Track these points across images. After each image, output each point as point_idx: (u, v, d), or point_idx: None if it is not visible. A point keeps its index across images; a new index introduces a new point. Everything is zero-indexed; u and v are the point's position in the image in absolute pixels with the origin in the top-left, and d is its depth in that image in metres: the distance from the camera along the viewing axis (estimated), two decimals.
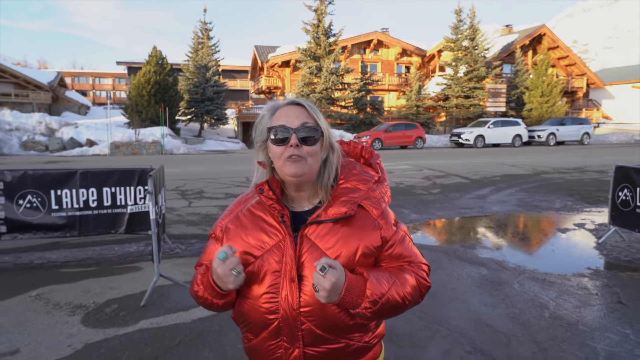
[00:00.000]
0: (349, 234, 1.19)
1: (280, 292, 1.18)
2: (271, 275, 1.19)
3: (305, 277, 1.17)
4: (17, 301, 3.72)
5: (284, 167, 1.18)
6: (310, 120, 1.21)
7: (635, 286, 4.17)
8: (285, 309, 1.17)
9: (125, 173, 5.29)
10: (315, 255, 1.17)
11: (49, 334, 3.14)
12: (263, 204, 1.24)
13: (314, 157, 1.20)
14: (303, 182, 1.22)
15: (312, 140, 1.20)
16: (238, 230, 1.25)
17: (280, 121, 1.20)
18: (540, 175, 12.20)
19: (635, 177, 5.36)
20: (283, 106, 1.25)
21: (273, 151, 1.21)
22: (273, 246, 1.21)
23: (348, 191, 1.23)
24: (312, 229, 1.20)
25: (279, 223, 1.21)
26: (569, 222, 6.89)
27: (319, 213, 1.20)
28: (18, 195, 4.90)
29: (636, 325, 3.33)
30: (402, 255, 1.26)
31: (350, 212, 1.18)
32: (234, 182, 10.55)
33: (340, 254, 1.18)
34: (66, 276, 4.39)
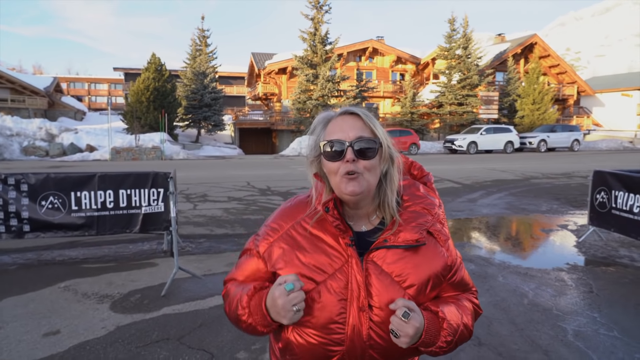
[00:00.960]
0: (420, 263, 1.13)
1: (347, 321, 1.09)
2: (337, 302, 1.10)
3: (374, 306, 1.09)
4: (49, 292, 4.11)
5: (341, 184, 1.10)
6: (367, 130, 1.13)
7: (607, 279, 4.61)
8: (354, 341, 1.09)
9: (140, 176, 5.68)
10: (385, 283, 1.10)
11: (83, 318, 3.53)
12: (321, 222, 1.15)
13: (372, 172, 1.12)
14: (361, 199, 1.14)
15: (370, 153, 1.11)
16: (294, 250, 1.14)
17: (334, 134, 1.12)
18: (529, 180, 12.70)
19: (611, 180, 5.82)
20: (336, 117, 1.17)
21: (328, 167, 1.13)
22: (336, 270, 1.11)
23: (417, 216, 1.16)
24: (381, 254, 1.12)
25: (341, 245, 1.13)
26: (553, 224, 7.35)
27: (387, 237, 1.13)
28: (41, 197, 5.27)
29: (604, 310, 3.76)
30: (461, 282, 1.24)
31: (423, 240, 1.13)
32: (236, 187, 10.96)
33: (412, 284, 1.11)
34: (88, 271, 4.78)
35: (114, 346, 3.07)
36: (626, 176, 5.60)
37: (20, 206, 5.17)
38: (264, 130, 36.63)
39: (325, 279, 1.10)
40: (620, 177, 5.68)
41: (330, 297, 1.09)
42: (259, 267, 1.20)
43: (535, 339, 3.23)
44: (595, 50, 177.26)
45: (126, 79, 51.57)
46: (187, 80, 32.18)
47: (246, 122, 36.25)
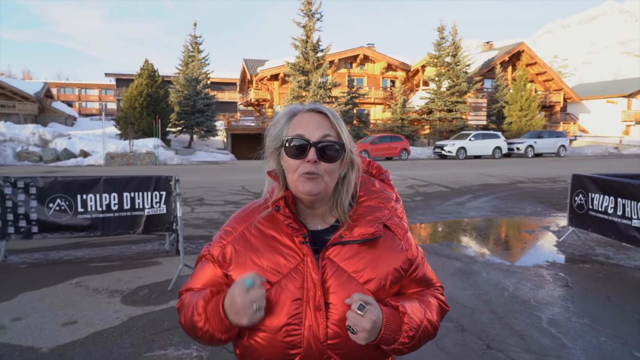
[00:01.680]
0: (378, 257, 1.10)
1: (303, 322, 1.05)
2: (292, 303, 1.05)
3: (331, 304, 1.05)
4: (61, 288, 4.37)
5: (298, 183, 1.07)
6: (333, 132, 1.09)
7: (582, 274, 4.97)
8: (310, 342, 1.04)
9: (143, 180, 5.96)
10: (342, 279, 1.06)
11: (97, 310, 3.80)
12: (275, 222, 1.12)
13: (331, 175, 1.09)
14: (317, 200, 1.11)
15: (333, 156, 1.08)
16: (247, 252, 1.11)
17: (298, 130, 1.08)
18: (516, 184, 13.13)
19: (587, 183, 6.21)
20: (303, 112, 1.12)
21: (287, 163, 1.10)
22: (291, 270, 1.07)
23: (372, 210, 1.13)
24: (336, 250, 1.08)
25: (295, 243, 1.09)
26: (536, 225, 7.73)
27: (342, 233, 1.10)
28: (49, 199, 5.53)
29: (577, 301, 4.11)
30: (424, 278, 1.20)
31: (379, 233, 1.09)
32: (231, 191, 11.24)
33: (370, 278, 1.08)
34: (96, 269, 5.03)
35: (129, 333, 3.34)
36: (601, 179, 5.98)
37: (29, 208, 5.43)
38: (256, 136, 36.90)
39: (280, 279, 1.06)
40: (596, 180, 6.07)
41: (285, 298, 1.05)
42: (215, 273, 1.14)
43: (513, 325, 3.56)
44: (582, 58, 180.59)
45: (118, 85, 51.55)
46: (180, 86, 32.39)
47: (238, 127, 36.51)
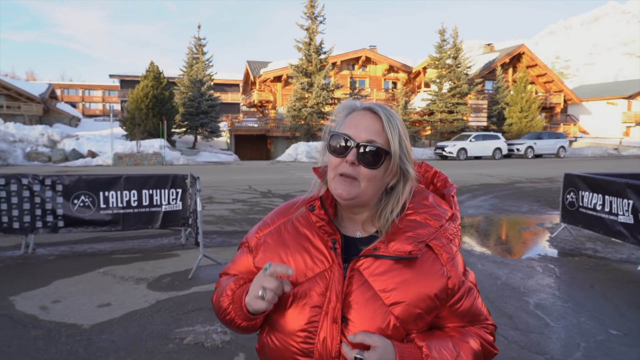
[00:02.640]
0: (411, 279, 1.00)
1: (318, 332, 0.99)
2: (310, 310, 1.00)
3: (350, 320, 0.99)
4: (91, 276, 4.77)
5: (332, 182, 1.04)
6: (381, 137, 1.02)
7: (570, 266, 5.36)
8: (322, 354, 0.99)
9: (161, 178, 6.36)
10: (366, 296, 0.99)
11: (127, 294, 4.20)
12: (311, 222, 1.07)
13: (371, 182, 1.02)
14: (353, 205, 1.06)
15: (374, 162, 1.01)
16: (277, 246, 1.08)
17: (347, 128, 1.03)
18: (514, 184, 13.51)
19: (578, 182, 6.59)
20: (359, 110, 1.07)
21: (328, 160, 1.06)
22: (317, 275, 1.03)
23: (416, 225, 1.03)
24: (367, 263, 1.01)
25: (327, 248, 1.04)
26: (531, 222, 8.11)
27: (377, 245, 1.02)
28: (73, 196, 5.93)
29: (563, 289, 4.50)
30: (468, 312, 1.07)
31: (416, 252, 0.99)
32: (239, 190, 11.64)
33: (398, 301, 0.98)
34: (120, 260, 5.43)
35: (158, 314, 3.74)
36: (590, 178, 6.37)
37: (56, 204, 5.83)
38: (259, 137, 37.31)
39: (303, 282, 1.02)
40: (585, 179, 6.45)
41: (305, 303, 1.01)
42: (250, 262, 1.14)
43: (503, 308, 3.95)
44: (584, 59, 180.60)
45: (122, 86, 52.07)
46: (184, 88, 32.82)
47: (242, 128, 36.94)
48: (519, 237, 7.10)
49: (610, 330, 3.49)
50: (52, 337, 3.27)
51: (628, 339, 3.34)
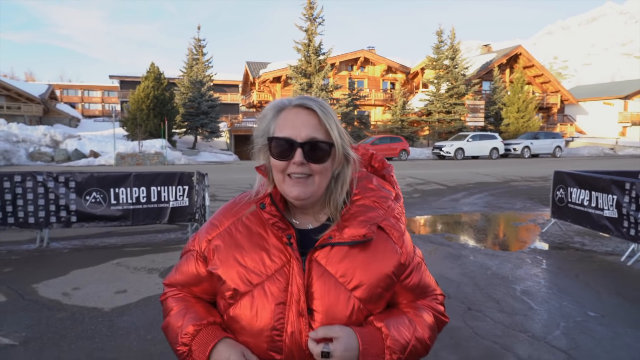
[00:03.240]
0: (369, 261, 1.03)
1: (285, 327, 1.00)
2: (275, 307, 1.01)
3: (315, 311, 1.01)
4: (105, 267, 5.06)
5: (285, 185, 1.04)
6: (321, 131, 1.03)
7: (557, 257, 5.67)
8: (292, 349, 1.00)
9: (169, 175, 6.66)
10: (328, 285, 1.01)
11: (140, 282, 4.50)
12: (263, 219, 1.07)
13: (322, 175, 1.04)
14: (308, 203, 1.07)
15: (321, 156, 1.02)
16: (231, 249, 1.06)
17: (284, 130, 1.03)
18: (509, 182, 13.83)
19: (567, 179, 6.90)
20: (290, 107, 1.05)
21: (274, 164, 1.05)
22: (276, 271, 1.03)
23: (365, 209, 1.07)
24: (324, 252, 1.03)
25: (282, 243, 1.04)
26: (524, 218, 8.42)
27: (331, 233, 1.04)
28: (85, 192, 6.22)
29: (548, 277, 4.81)
30: (418, 285, 1.13)
31: (371, 235, 1.03)
32: (240, 188, 11.95)
33: (359, 284, 1.02)
34: (131, 253, 5.73)
35: None
36: (578, 175, 6.68)
37: (69, 200, 6.12)
38: None
39: (263, 281, 1.02)
40: (574, 176, 6.76)
41: (267, 301, 1.01)
42: (198, 269, 1.12)
43: (492, 294, 4.25)
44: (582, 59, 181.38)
45: (122, 87, 52.28)
46: (184, 89, 33.12)
47: (241, 129, 37.24)
48: (511, 232, 7.41)
49: (589, 312, 3.80)
50: (76, 319, 3.57)
51: (604, 320, 3.64)
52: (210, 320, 1.07)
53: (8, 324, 3.44)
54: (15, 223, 5.88)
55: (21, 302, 3.93)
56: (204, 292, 1.15)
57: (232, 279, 1.03)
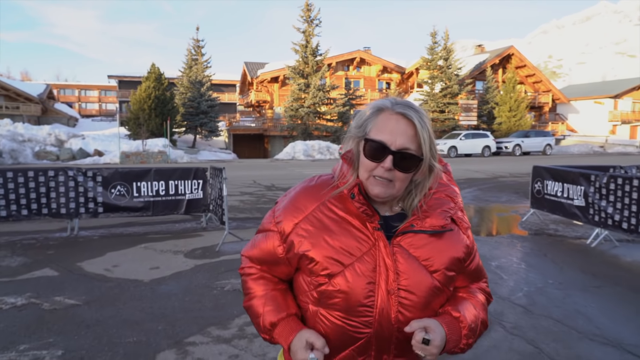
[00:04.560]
0: (445, 248, 1.14)
1: (376, 304, 1.09)
2: (366, 286, 1.09)
3: (401, 289, 1.10)
4: (135, 250, 5.78)
5: (369, 183, 1.11)
6: (415, 143, 1.09)
7: (531, 241, 6.43)
8: (381, 323, 1.10)
9: (185, 170, 7.38)
10: (414, 266, 1.11)
11: (169, 261, 5.22)
12: (346, 203, 1.14)
13: (404, 182, 1.12)
14: (386, 202, 1.16)
15: (409, 167, 1.10)
16: (321, 232, 1.13)
17: (382, 134, 1.09)
18: (498, 178, 14.62)
19: (543, 173, 7.66)
20: (392, 113, 1.11)
21: (363, 163, 1.12)
22: (364, 254, 1.10)
23: (442, 203, 1.17)
24: (407, 238, 1.13)
25: (368, 228, 1.12)
26: (507, 210, 9.19)
27: (413, 222, 1.13)
28: (111, 186, 6.92)
29: (520, 256, 5.56)
30: (476, 270, 1.25)
31: (449, 226, 1.14)
32: (244, 184, 12.67)
33: (438, 269, 1.13)
34: (154, 239, 6.44)
35: (199, 273, 4.77)
36: (553, 169, 7.45)
37: (96, 193, 6.82)
38: (257, 136, 38.29)
39: (353, 262, 1.10)
40: (549, 170, 7.53)
41: (358, 280, 1.09)
42: (277, 250, 1.19)
43: None
44: (577, 58, 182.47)
45: (120, 87, 52.70)
46: (184, 89, 33.76)
47: (240, 128, 37.92)
48: (494, 222, 8.18)
49: (549, 281, 4.56)
50: (123, 287, 4.29)
51: (561, 286, 4.40)
52: (288, 312, 1.17)
53: (68, 291, 4.16)
54: (49, 213, 6.58)
55: (72, 275, 4.65)
56: (282, 273, 1.23)
57: (325, 260, 1.10)
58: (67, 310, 3.69)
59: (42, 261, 5.15)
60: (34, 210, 6.47)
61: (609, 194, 6.01)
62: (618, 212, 5.83)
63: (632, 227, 5.60)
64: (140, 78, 31.91)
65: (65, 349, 3.00)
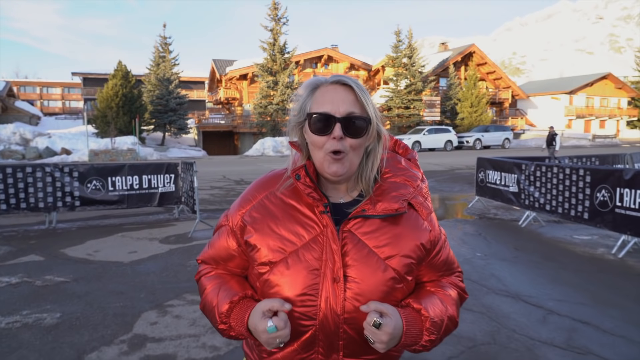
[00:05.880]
0: (401, 234, 1.07)
1: (320, 293, 1.03)
2: (308, 273, 1.04)
3: (350, 277, 1.03)
4: (113, 238, 6.29)
5: (324, 162, 1.06)
6: (358, 106, 1.05)
7: (471, 224, 7.26)
8: (326, 314, 1.03)
9: (158, 165, 7.89)
10: (362, 253, 1.05)
11: (145, 246, 5.77)
12: (296, 192, 1.11)
13: (357, 151, 1.07)
14: (344, 179, 1.10)
15: (359, 131, 1.05)
16: (266, 219, 1.10)
17: (323, 106, 1.05)
18: (454, 171, 15.62)
19: (485, 163, 8.54)
20: (327, 84, 1.08)
21: (312, 139, 1.07)
22: (310, 240, 1.06)
23: (397, 186, 1.10)
24: (358, 224, 1.07)
25: (316, 214, 1.08)
26: (458, 198, 10.07)
27: (364, 207, 1.08)
28: (87, 181, 7.37)
29: (458, 235, 6.36)
30: (445, 262, 1.18)
31: (402, 209, 1.06)
32: (214, 179, 13.19)
33: (392, 255, 1.05)
34: (130, 229, 6.95)
35: (174, 255, 5.35)
36: (493, 160, 8.33)
37: (73, 187, 7.26)
38: (226, 133, 38.51)
39: (298, 249, 1.06)
40: (490, 161, 8.41)
41: (300, 267, 1.04)
42: (229, 244, 1.17)
43: None
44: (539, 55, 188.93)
45: (85, 84, 51.68)
46: (151, 86, 33.66)
47: (209, 125, 38.04)
48: (443, 208, 9.02)
49: (477, 253, 5.36)
50: (105, 267, 4.84)
51: (485, 257, 5.21)
52: (242, 295, 1.10)
53: (56, 272, 4.68)
54: (27, 208, 6.97)
55: (57, 260, 5.16)
56: (237, 267, 1.19)
57: (267, 246, 1.07)
58: (58, 286, 4.23)
59: (27, 249, 5.62)
60: (12, 204, 6.86)
61: (535, 181, 6.90)
62: (542, 196, 6.72)
63: (553, 208, 6.49)
64: (106, 75, 31.67)
65: (62, 312, 3.56)
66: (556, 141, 19.66)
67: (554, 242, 6.04)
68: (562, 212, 6.27)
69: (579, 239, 6.14)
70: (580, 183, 5.95)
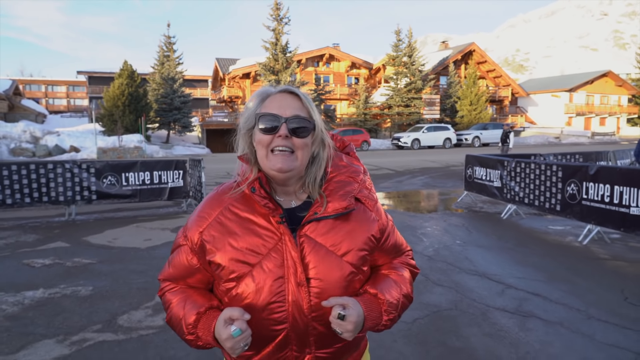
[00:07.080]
0: (353, 229, 1.15)
1: (287, 298, 1.10)
2: (273, 282, 1.10)
3: (312, 279, 1.11)
4: (128, 228, 6.92)
5: (269, 159, 1.12)
6: (304, 111, 1.14)
7: (459, 216, 7.85)
8: (295, 316, 1.11)
9: (167, 162, 8.52)
10: (320, 254, 1.12)
11: (159, 235, 6.39)
12: (249, 204, 1.16)
13: (304, 151, 1.13)
14: (289, 177, 1.15)
15: (304, 132, 1.13)
16: (225, 237, 1.13)
17: (271, 109, 1.13)
18: (449, 167, 16.19)
19: (473, 160, 9.13)
20: (275, 93, 1.17)
21: (259, 139, 1.13)
22: (270, 250, 1.12)
23: (343, 185, 1.18)
24: (312, 227, 1.14)
25: (272, 223, 1.13)
26: (449, 193, 10.66)
27: (316, 210, 1.14)
28: (102, 176, 8.01)
29: (443, 226, 6.96)
30: (395, 245, 1.27)
31: (351, 206, 1.15)
32: (218, 175, 13.84)
33: (348, 250, 1.14)
34: (144, 220, 7.58)
35: None
36: (480, 157, 8.92)
37: (90, 182, 7.90)
38: (230, 131, 38.83)
39: (260, 260, 1.10)
40: (477, 158, 9.00)
41: (266, 278, 1.09)
42: (190, 262, 1.19)
43: (406, 236, 6.36)
44: (543, 51, 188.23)
45: (90, 83, 52.43)
46: (156, 85, 34.31)
47: (212, 123, 38.67)
48: (433, 202, 9.62)
49: (457, 241, 5.97)
50: (125, 252, 5.47)
51: (463, 244, 5.81)
52: (208, 305, 1.14)
53: (82, 255, 5.32)
54: (49, 201, 7.62)
55: (81, 246, 5.79)
56: (199, 282, 1.22)
57: (231, 263, 1.10)
58: (85, 267, 4.86)
59: (53, 237, 6.26)
60: (35, 198, 7.51)
61: (516, 176, 7.49)
62: (522, 190, 7.32)
63: (531, 201, 7.08)
64: (110, 74, 32.34)
65: (94, 286, 4.20)
66: (510, 139, 20.48)
67: (529, 231, 6.64)
68: (539, 204, 6.87)
69: (552, 229, 6.74)
70: (554, 178, 6.55)
